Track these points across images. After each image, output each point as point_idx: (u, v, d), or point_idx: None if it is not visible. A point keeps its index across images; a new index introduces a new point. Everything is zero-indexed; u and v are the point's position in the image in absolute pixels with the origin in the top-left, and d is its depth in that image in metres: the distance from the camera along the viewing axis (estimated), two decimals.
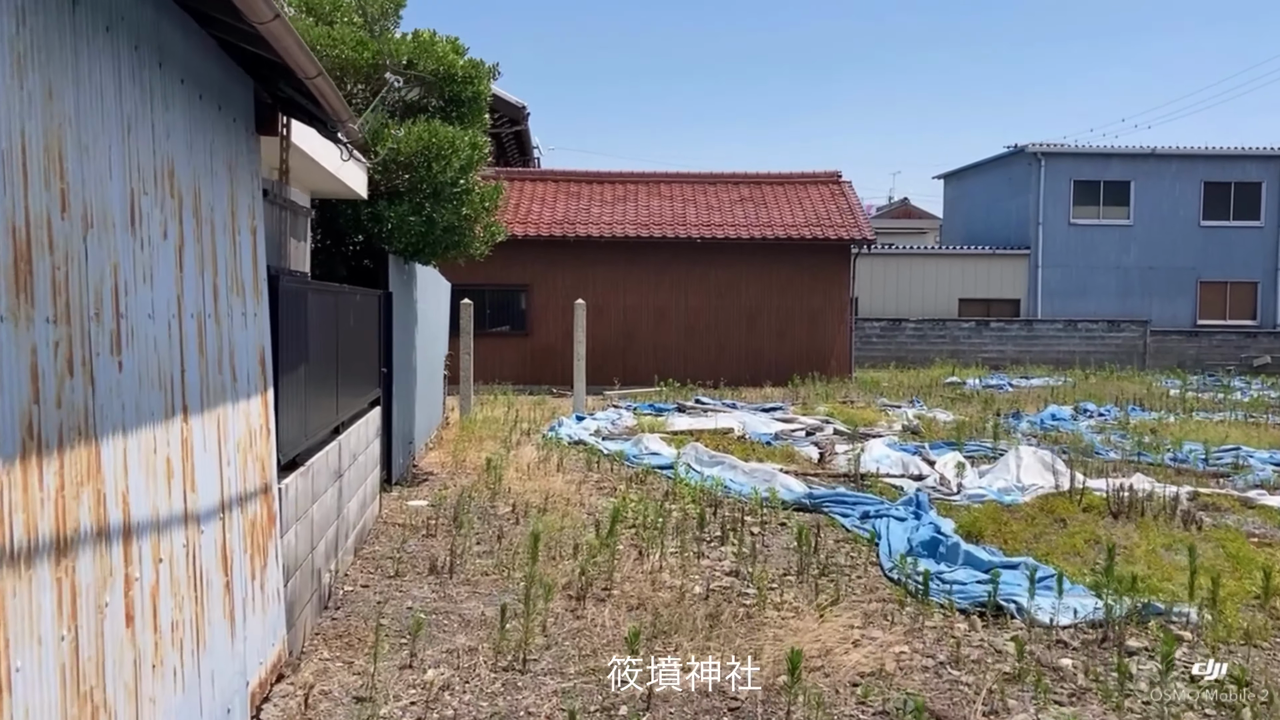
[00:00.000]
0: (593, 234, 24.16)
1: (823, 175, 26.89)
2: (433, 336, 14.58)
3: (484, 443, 14.55)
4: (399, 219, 9.93)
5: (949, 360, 30.40)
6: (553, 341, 24.56)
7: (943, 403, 19.96)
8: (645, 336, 24.68)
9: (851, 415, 16.80)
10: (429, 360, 13.96)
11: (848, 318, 24.83)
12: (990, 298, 32.10)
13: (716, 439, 13.85)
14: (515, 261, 24.51)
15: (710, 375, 24.51)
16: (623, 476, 11.64)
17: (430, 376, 14.22)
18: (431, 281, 14.13)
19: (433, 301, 14.33)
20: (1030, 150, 31.38)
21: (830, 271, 24.67)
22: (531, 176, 27.11)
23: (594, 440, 14.28)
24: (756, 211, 25.23)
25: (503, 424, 16.92)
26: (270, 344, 5.23)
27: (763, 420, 16.14)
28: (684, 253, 24.54)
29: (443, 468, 12.60)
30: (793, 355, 24.64)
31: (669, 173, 26.99)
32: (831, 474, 11.36)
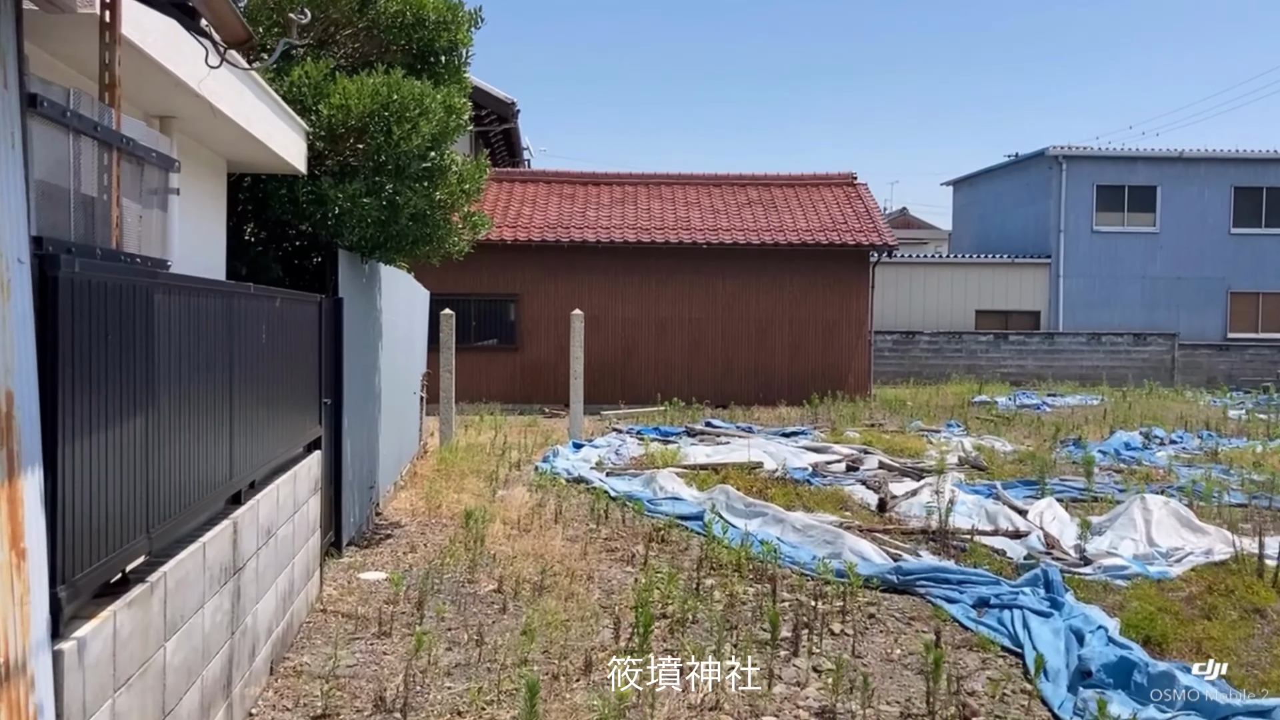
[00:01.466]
0: (589, 239, 21.63)
1: (836, 177, 24.44)
2: (405, 353, 12.03)
3: (465, 479, 11.98)
4: (350, 201, 7.38)
5: (966, 375, 27.96)
6: (544, 357, 22.00)
7: (983, 426, 17.46)
8: (646, 351, 22.14)
9: (891, 443, 14.28)
10: (400, 382, 11.41)
11: (866, 331, 22.35)
12: (1009, 309, 29.68)
13: (745, 476, 11.30)
14: (503, 269, 21.96)
15: (717, 394, 21.96)
16: (638, 532, 9.07)
17: (402, 401, 11.67)
18: (403, 288, 11.59)
19: (404, 311, 11.78)
20: (1051, 153, 29.02)
21: (847, 280, 22.20)
22: (522, 177, 24.58)
23: (597, 477, 11.71)
24: (766, 215, 22.75)
25: (489, 453, 14.36)
26: (31, 380, 2.69)
27: (790, 450, 13.60)
28: (688, 260, 22.03)
29: (413, 515, 10.02)
30: (807, 372, 22.13)
31: (671, 174, 24.50)
32: (904, 529, 8.82)
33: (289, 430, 6.05)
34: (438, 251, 9.00)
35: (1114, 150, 29.47)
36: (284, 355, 5.83)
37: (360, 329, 8.70)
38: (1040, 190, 29.93)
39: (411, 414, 12.99)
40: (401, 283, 11.34)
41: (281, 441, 5.84)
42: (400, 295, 11.26)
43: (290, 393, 6.04)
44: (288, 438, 6.02)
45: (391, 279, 10.37)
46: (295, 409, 6.21)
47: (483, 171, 8.59)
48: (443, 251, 9.12)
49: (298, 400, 6.28)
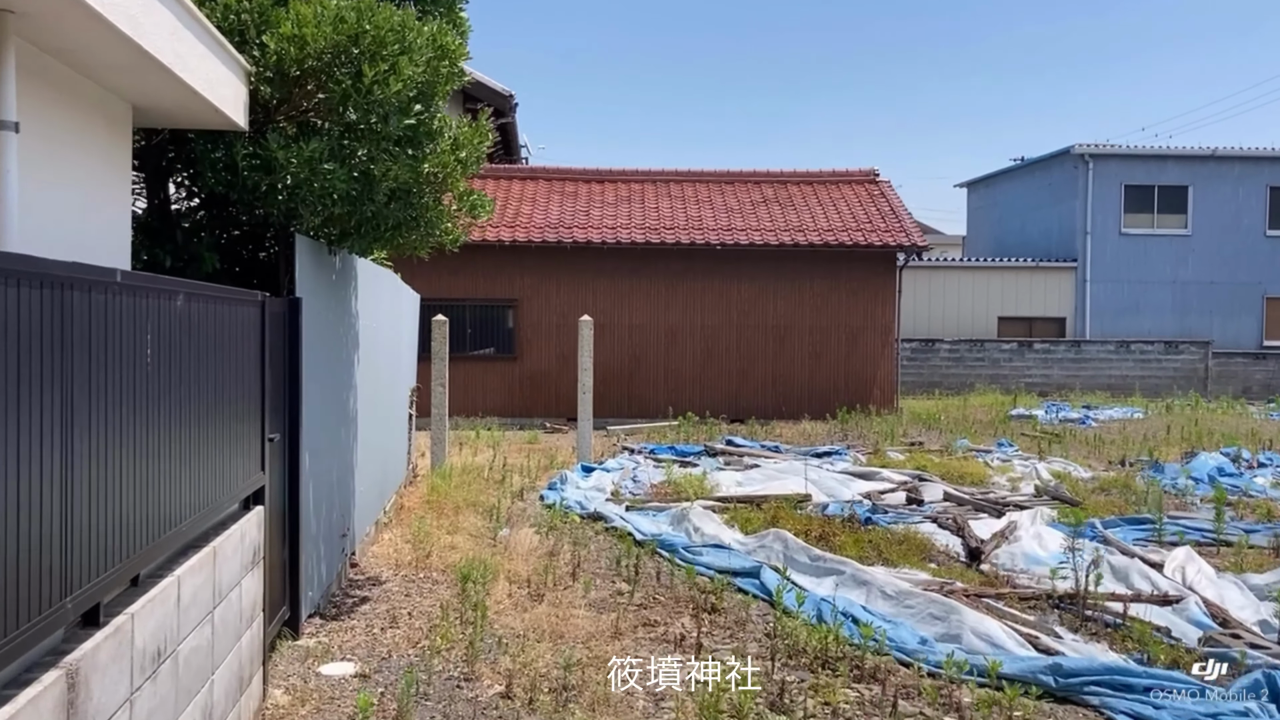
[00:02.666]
0: (593, 240, 19.70)
1: (857, 174, 22.55)
2: (390, 365, 10.07)
3: (460, 514, 10.01)
4: (307, 169, 5.42)
5: (989, 386, 26.10)
6: (545, 366, 20.04)
7: (1032, 445, 15.55)
8: (655, 360, 20.20)
9: (946, 467, 12.35)
10: (384, 401, 9.46)
11: (893, 339, 20.45)
12: (1033, 316, 27.82)
13: (793, 513, 9.35)
14: (500, 272, 20.00)
15: (732, 407, 20.03)
16: (679, 595, 7.10)
17: (386, 424, 9.71)
18: (387, 289, 9.63)
19: (389, 317, 9.82)
20: (1077, 152, 27.19)
21: (872, 284, 20.29)
22: (520, 174, 22.63)
23: (616, 513, 9.75)
24: (784, 214, 20.84)
25: (486, 478, 12.40)
26: None
27: (834, 476, 11.65)
28: (700, 261, 20.11)
29: (397, 566, 8.04)
30: (829, 383, 20.21)
31: (681, 170, 22.58)
32: (1019, 592, 6.87)
33: (206, 487, 4.10)
34: (426, 240, 7.04)
35: (1143, 148, 27.66)
36: (194, 379, 3.87)
37: (328, 339, 6.75)
38: (1065, 191, 28.10)
39: (398, 436, 11.04)
40: (384, 282, 9.39)
41: (189, 507, 3.88)
42: (383, 297, 9.30)
43: (208, 433, 4.09)
44: (203, 499, 4.06)
45: (371, 277, 8.41)
46: (217, 456, 4.25)
47: (484, 137, 6.62)
48: (433, 241, 7.16)
49: (222, 443, 4.32)
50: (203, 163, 5.49)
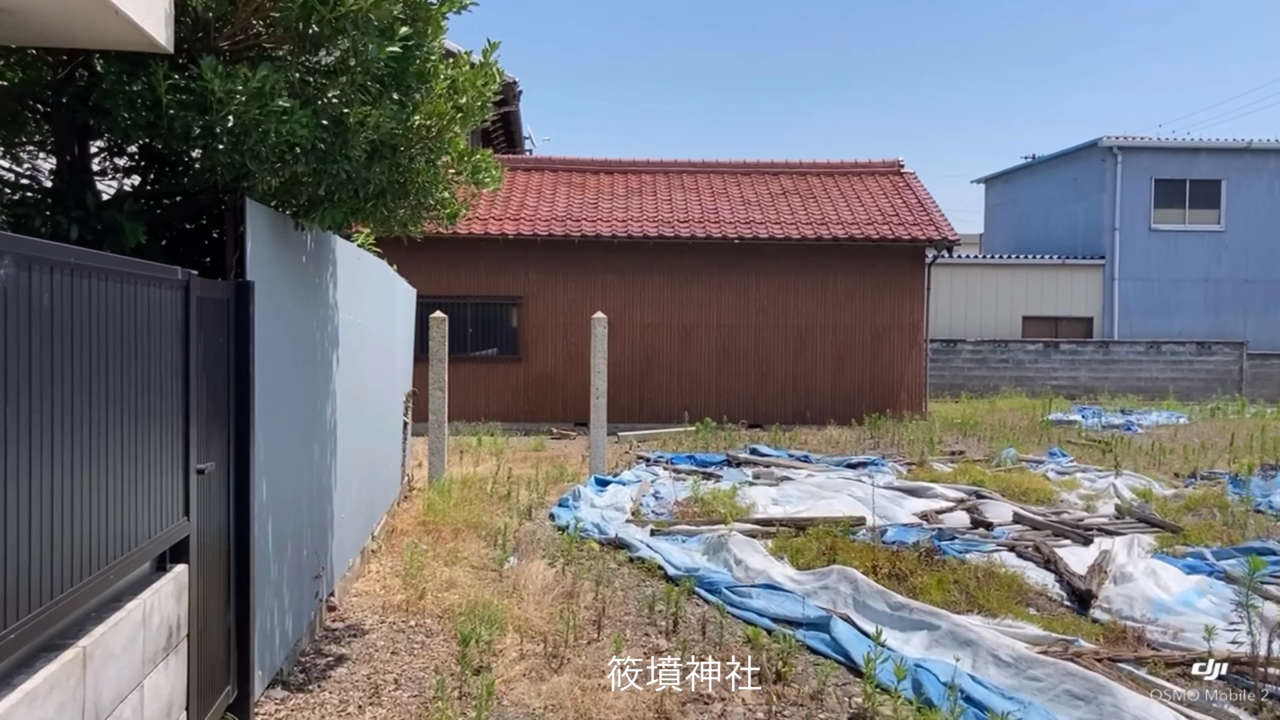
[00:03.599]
0: (602, 233, 18.28)
1: (880, 165, 21.12)
2: (381, 368, 8.65)
3: (460, 539, 8.61)
4: (257, 106, 4.00)
5: (1014, 388, 24.70)
6: (552, 368, 18.63)
7: (1083, 453, 14.13)
8: (668, 362, 18.78)
9: (1005, 482, 10.92)
10: (372, 408, 8.04)
11: (921, 339, 19.02)
12: (1059, 315, 26.40)
13: (848, 542, 7.92)
14: (504, 268, 18.59)
15: (750, 411, 18.62)
16: (729, 649, 5.68)
17: (375, 434, 8.29)
18: (375, 278, 8.21)
19: (380, 312, 8.40)
20: (1105, 144, 25.77)
21: (899, 281, 18.87)
22: (525, 165, 21.21)
23: (640, 539, 8.32)
24: (805, 207, 19.42)
25: (490, 493, 11.00)
26: None
27: (883, 494, 10.22)
28: (716, 257, 18.69)
29: (383, 611, 6.62)
30: (853, 386, 18.80)
31: (695, 161, 21.15)
32: (1164, 655, 5.44)
33: (81, 554, 2.69)
34: (418, 215, 5.63)
35: (1174, 141, 26.22)
36: (52, 394, 2.46)
37: (296, 336, 5.34)
38: (1091, 185, 26.67)
39: (391, 448, 9.62)
40: (373, 271, 7.97)
41: (41, 592, 2.47)
42: (371, 289, 7.88)
43: (85, 474, 2.67)
44: (72, 572, 2.65)
45: (356, 263, 7.00)
46: (104, 506, 2.84)
47: (490, 79, 5.19)
48: (427, 215, 5.75)
49: (113, 485, 2.90)
50: (113, 97, 4.07)
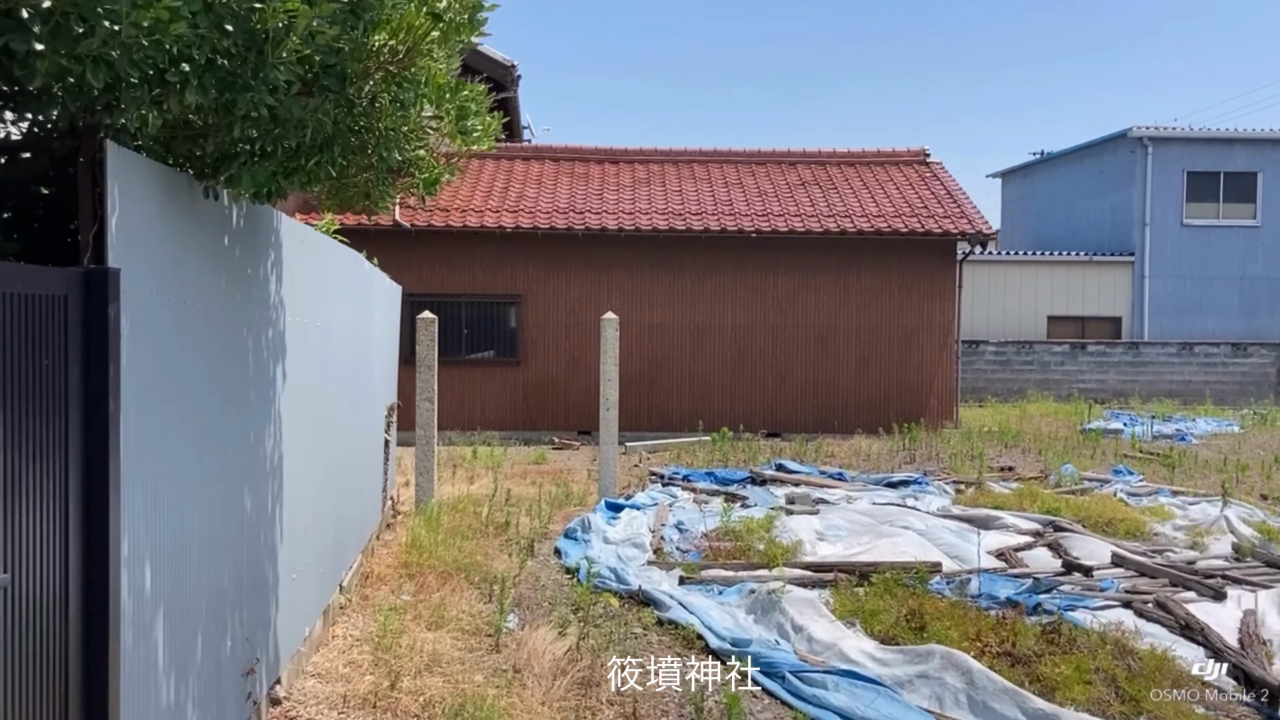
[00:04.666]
0: (608, 226, 16.68)
1: (905, 154, 19.55)
2: (354, 379, 7.05)
3: (449, 586, 7.02)
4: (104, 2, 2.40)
5: (1039, 391, 23.15)
6: (553, 372, 17.04)
7: (1144, 468, 12.56)
8: (678, 365, 17.20)
9: (1081, 509, 9.34)
10: (341, 430, 6.44)
11: (952, 342, 17.45)
12: (1085, 315, 24.85)
13: (932, 598, 6.34)
14: (502, 264, 16.99)
15: (767, 418, 17.05)
16: None
17: (346, 461, 6.69)
18: (344, 271, 6.61)
19: (351, 313, 6.79)
20: (1134, 135, 24.21)
21: (929, 277, 17.29)
22: (524, 154, 19.60)
23: (667, 593, 6.72)
24: (826, 198, 17.84)
25: (485, 521, 9.41)
26: None
27: (945, 525, 8.64)
28: (731, 252, 17.11)
29: (344, 708, 5.01)
30: (879, 392, 17.22)
31: (706, 150, 19.56)
32: None
33: None
34: (383, 178, 4.02)
35: (1208, 131, 24.66)
36: None
37: (211, 346, 3.74)
38: (1120, 178, 25.11)
39: (368, 474, 8.02)
40: (338, 262, 6.37)
41: None
42: (336, 283, 6.28)
43: None
44: None
45: (311, 251, 5.41)
46: None
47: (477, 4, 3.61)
48: (397, 180, 4.14)
49: None
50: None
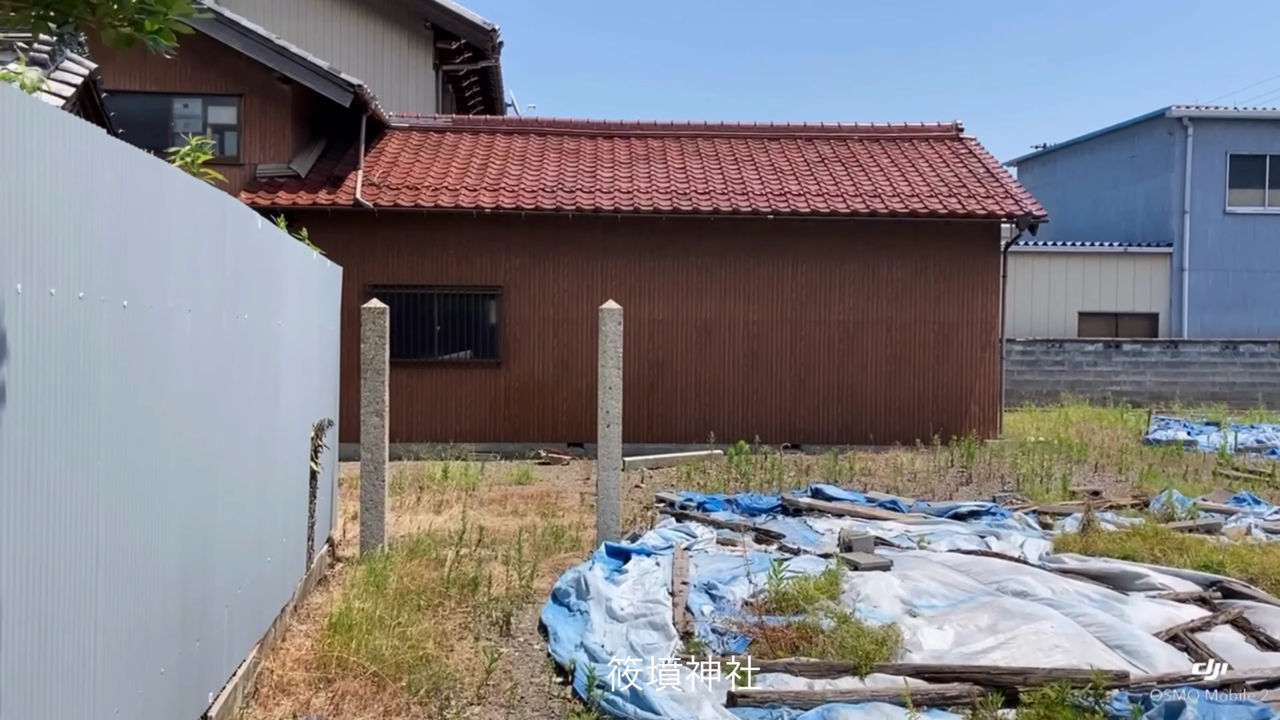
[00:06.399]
0: (602, 207, 14.22)
1: (935, 129, 17.14)
2: (238, 387, 4.57)
3: (378, 708, 4.57)
4: None
5: (1071, 394, 20.82)
6: (539, 375, 14.55)
7: (1254, 487, 10.19)
8: (683, 367, 14.74)
9: (1254, 561, 6.93)
10: (203, 480, 3.97)
11: (996, 339, 15.06)
12: (1119, 311, 22.53)
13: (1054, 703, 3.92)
14: (480, 251, 14.50)
15: (786, 428, 14.63)
16: None
17: (227, 512, 4.23)
18: (211, 224, 4.13)
19: (231, 294, 4.30)
20: (1173, 115, 21.89)
21: (969, 265, 14.90)
22: (506, 128, 17.10)
23: None
24: (851, 176, 15.41)
25: (449, 572, 6.96)
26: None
27: (1086, 594, 6.20)
28: (744, 237, 14.68)
29: None
30: (912, 397, 14.80)
31: (713, 124, 17.10)
32: None
33: None
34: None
35: (1253, 111, 22.35)
36: None
37: None
38: (1155, 163, 22.80)
39: (272, 521, 5.50)
40: (205, 217, 3.87)
41: None
42: (203, 247, 3.77)
43: None
44: None
45: (132, 187, 2.95)
46: None
47: None
48: None
49: None
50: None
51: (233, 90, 14.50)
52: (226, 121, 14.66)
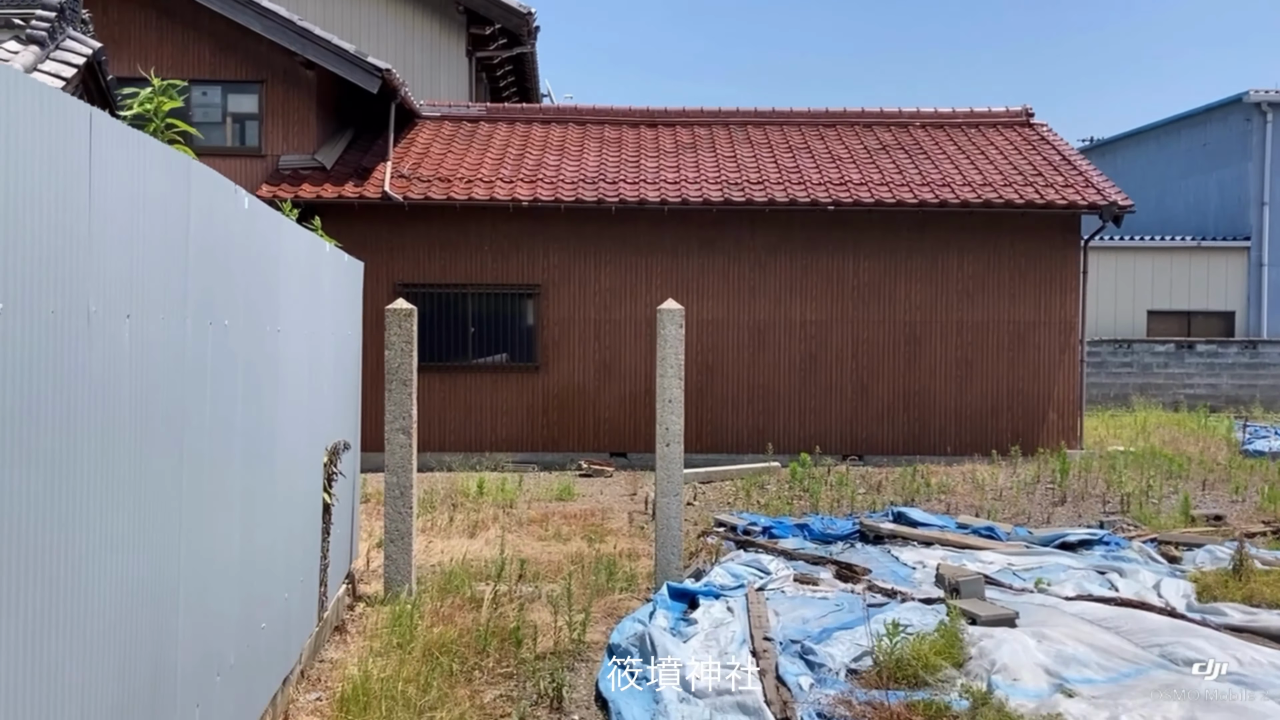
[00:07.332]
0: (647, 199, 13.05)
1: (1004, 114, 15.81)
2: (229, 408, 3.46)
3: None
4: None
5: (1140, 397, 19.41)
6: (580, 380, 13.42)
7: None
8: (734, 371, 13.54)
9: None
10: (168, 549, 2.89)
11: (1076, 341, 13.73)
12: (1192, 310, 21.05)
13: None
14: (517, 247, 13.39)
15: (847, 438, 13.39)
16: None
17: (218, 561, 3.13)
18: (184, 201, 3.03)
19: (221, 295, 3.21)
20: (1252, 100, 20.39)
21: (1047, 260, 13.58)
22: (543, 116, 15.98)
23: None
24: (916, 164, 14.14)
25: (486, 625, 5.83)
26: None
27: (1265, 660, 4.96)
28: (800, 230, 13.46)
29: None
30: (985, 405, 13.50)
31: (764, 110, 15.86)
32: None
33: None
34: None
35: None
36: None
37: None
38: (1230, 151, 21.30)
39: (273, 571, 4.40)
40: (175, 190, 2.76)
41: None
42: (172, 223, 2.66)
43: None
44: None
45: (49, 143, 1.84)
46: None
47: None
48: None
49: None
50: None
51: (254, 77, 13.49)
52: (248, 110, 13.65)
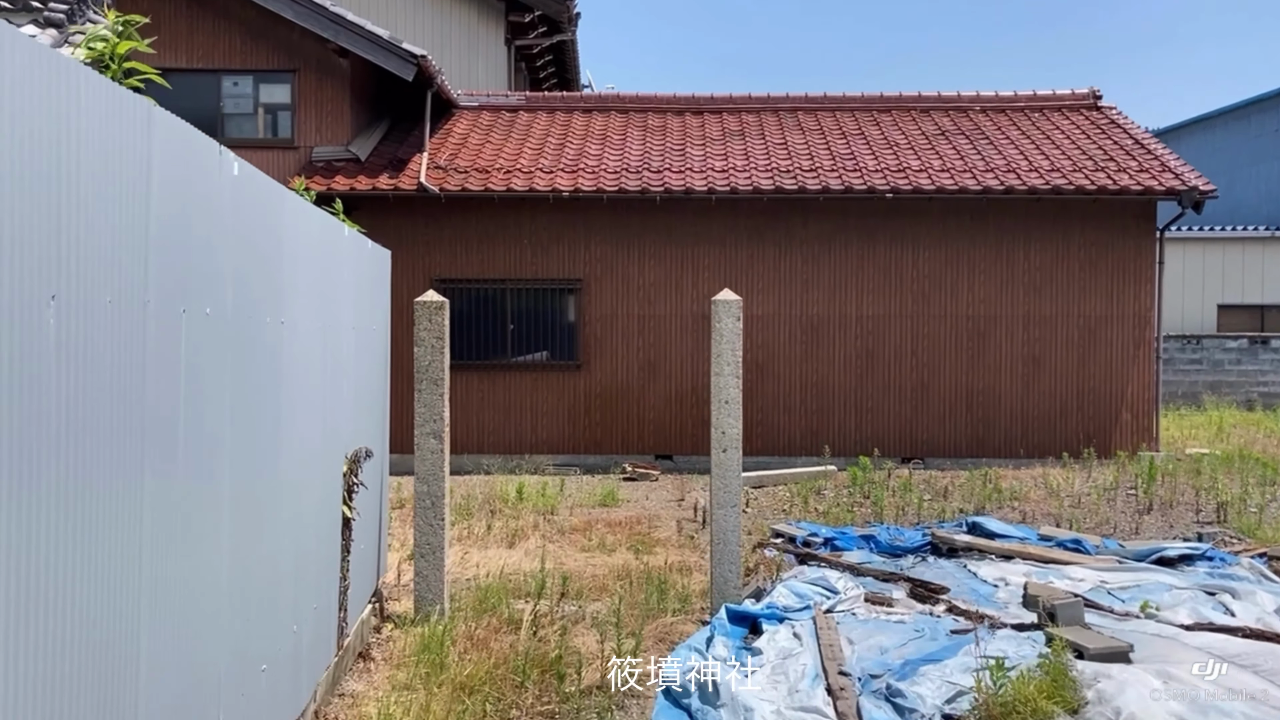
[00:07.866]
0: (694, 188, 12.35)
1: (1069, 97, 14.89)
2: (216, 415, 2.85)
3: None
4: None
5: (1210, 395, 18.37)
6: (624, 378, 12.76)
7: None
8: (787, 369, 12.80)
9: None
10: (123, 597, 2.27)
11: (1151, 336, 12.82)
12: (1265, 303, 19.93)
13: None
14: (557, 240, 12.76)
15: (906, 439, 12.61)
16: None
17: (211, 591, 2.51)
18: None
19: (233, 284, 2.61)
20: None
21: (1119, 250, 12.69)
22: (584, 105, 15.33)
23: None
24: (978, 149, 13.30)
25: (526, 642, 5.19)
26: None
27: None
28: (855, 219, 12.69)
29: None
30: (1053, 404, 12.64)
31: (815, 95, 15.09)
32: None
33: None
34: None
35: None
36: None
37: None
38: None
39: (279, 605, 3.79)
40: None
41: None
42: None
43: None
44: None
45: None
46: None
47: None
48: None
49: None
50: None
51: (286, 66, 12.98)
52: (280, 100, 13.15)
